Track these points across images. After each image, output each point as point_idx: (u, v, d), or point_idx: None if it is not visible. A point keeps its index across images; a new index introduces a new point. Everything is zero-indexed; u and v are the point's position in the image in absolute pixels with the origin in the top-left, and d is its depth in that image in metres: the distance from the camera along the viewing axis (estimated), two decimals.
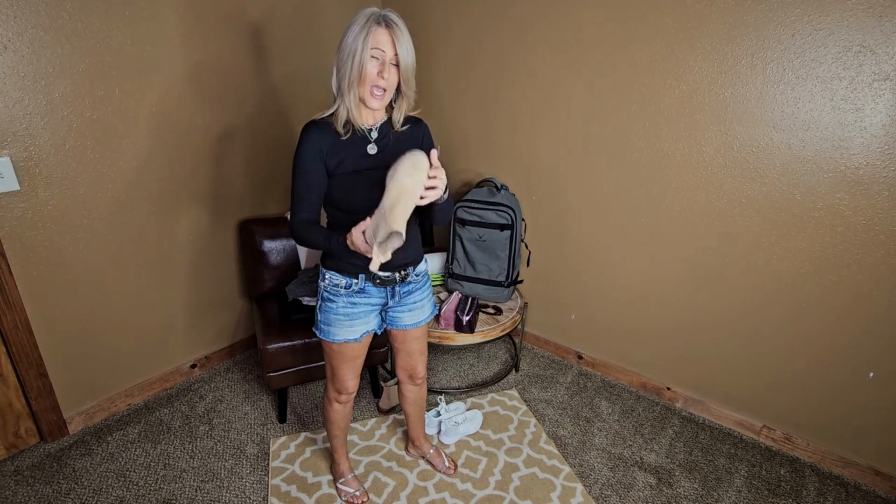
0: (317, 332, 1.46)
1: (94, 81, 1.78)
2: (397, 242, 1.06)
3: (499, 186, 2.37)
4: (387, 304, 1.47)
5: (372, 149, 1.33)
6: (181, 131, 2.06)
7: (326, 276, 1.40)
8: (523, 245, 2.55)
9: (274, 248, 2.24)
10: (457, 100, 2.63)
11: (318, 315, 1.45)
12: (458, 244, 2.45)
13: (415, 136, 1.40)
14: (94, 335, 2.01)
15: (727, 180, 1.91)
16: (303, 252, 2.31)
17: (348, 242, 1.18)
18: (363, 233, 1.14)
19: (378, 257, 1.08)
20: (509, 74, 2.38)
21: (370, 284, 1.40)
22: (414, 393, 1.73)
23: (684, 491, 1.84)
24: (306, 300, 2.11)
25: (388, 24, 1.21)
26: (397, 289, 1.45)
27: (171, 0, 1.91)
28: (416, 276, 1.49)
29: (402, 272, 1.43)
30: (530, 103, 2.35)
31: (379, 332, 1.53)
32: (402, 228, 1.06)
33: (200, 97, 2.09)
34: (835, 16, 1.57)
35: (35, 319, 1.82)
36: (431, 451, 1.89)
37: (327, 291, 1.40)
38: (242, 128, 2.28)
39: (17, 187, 1.68)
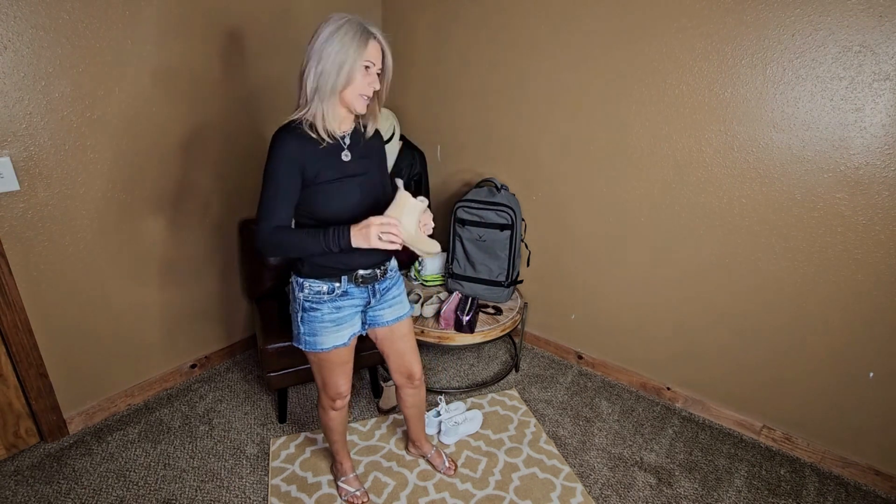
0: (300, 346, 1.44)
1: (94, 81, 1.78)
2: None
3: (499, 186, 2.37)
4: (369, 303, 1.48)
5: (346, 156, 1.34)
6: (182, 131, 2.06)
7: (305, 286, 1.38)
8: (523, 245, 2.55)
9: None
10: (457, 100, 2.63)
11: (300, 327, 1.41)
12: (458, 244, 2.45)
13: (377, 146, 1.46)
14: (95, 335, 2.01)
15: (727, 180, 1.91)
16: None
17: (358, 231, 1.23)
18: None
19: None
20: (509, 74, 2.38)
21: (353, 286, 1.41)
22: (413, 396, 1.71)
23: (684, 491, 1.84)
24: None
25: (377, 38, 1.26)
26: (377, 286, 1.47)
27: (173, 1, 1.91)
28: (391, 272, 1.53)
29: (382, 268, 1.46)
30: (530, 103, 2.35)
31: (364, 333, 1.55)
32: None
33: (201, 97, 2.09)
34: (835, 16, 1.57)
35: (35, 319, 1.82)
36: (432, 451, 1.89)
37: (308, 301, 1.39)
38: (244, 128, 2.28)
39: (17, 187, 1.68)
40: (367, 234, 1.22)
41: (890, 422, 1.79)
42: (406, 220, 1.28)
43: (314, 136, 1.27)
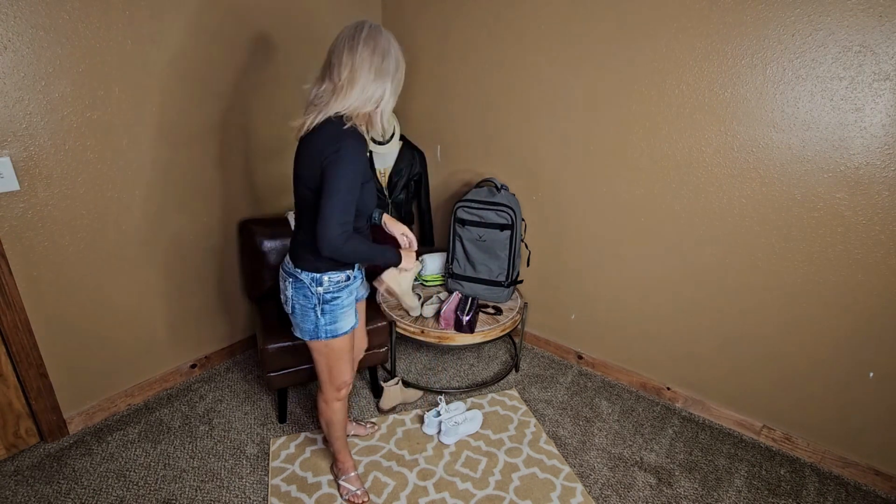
0: (321, 337, 1.48)
1: (94, 81, 1.78)
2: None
3: (499, 186, 2.37)
4: (361, 281, 1.61)
5: (367, 153, 1.47)
6: (181, 131, 2.06)
7: (324, 280, 1.44)
8: (523, 245, 2.55)
9: (274, 248, 2.24)
10: (457, 100, 2.63)
11: (320, 320, 1.46)
12: (458, 244, 2.45)
13: None
14: (94, 335, 2.01)
15: (727, 180, 1.91)
16: None
17: (408, 254, 1.56)
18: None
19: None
20: (509, 74, 2.38)
21: (357, 270, 1.54)
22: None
23: (684, 491, 1.84)
24: None
25: None
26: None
27: (173, 1, 1.91)
28: None
29: None
30: (531, 103, 2.35)
31: None
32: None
33: (201, 97, 2.09)
34: (835, 16, 1.57)
35: (35, 319, 1.82)
36: None
37: (329, 293, 1.45)
38: (243, 128, 2.28)
39: (17, 187, 1.68)
40: (412, 258, 1.56)
41: (890, 422, 1.79)
42: (404, 279, 1.65)
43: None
